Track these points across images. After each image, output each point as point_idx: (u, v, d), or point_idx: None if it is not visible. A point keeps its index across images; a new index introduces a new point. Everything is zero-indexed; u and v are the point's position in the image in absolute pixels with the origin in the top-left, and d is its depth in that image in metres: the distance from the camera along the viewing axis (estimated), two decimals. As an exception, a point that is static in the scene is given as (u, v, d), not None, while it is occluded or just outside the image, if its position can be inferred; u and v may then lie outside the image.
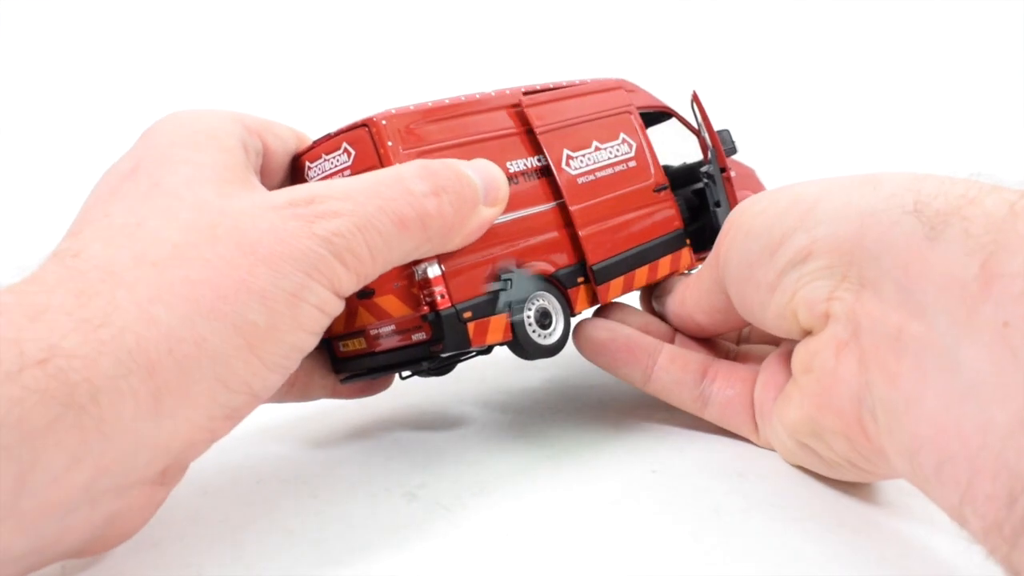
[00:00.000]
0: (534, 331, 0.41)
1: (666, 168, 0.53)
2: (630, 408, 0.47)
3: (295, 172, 0.43)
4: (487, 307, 0.40)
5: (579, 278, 0.43)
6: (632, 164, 0.47)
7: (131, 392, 0.28)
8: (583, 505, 0.36)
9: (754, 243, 0.36)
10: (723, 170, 0.52)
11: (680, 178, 0.54)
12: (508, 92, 0.44)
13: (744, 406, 0.41)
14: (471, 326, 0.39)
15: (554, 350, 0.42)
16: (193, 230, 0.31)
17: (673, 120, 0.54)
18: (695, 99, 0.52)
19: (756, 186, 0.59)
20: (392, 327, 0.41)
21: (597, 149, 0.46)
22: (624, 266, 0.45)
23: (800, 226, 0.34)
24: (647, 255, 0.47)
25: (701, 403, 0.42)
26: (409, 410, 0.49)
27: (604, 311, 0.46)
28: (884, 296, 0.30)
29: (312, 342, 0.33)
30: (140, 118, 0.38)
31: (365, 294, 0.39)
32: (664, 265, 0.48)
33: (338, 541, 0.34)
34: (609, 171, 0.46)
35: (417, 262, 0.38)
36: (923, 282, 0.29)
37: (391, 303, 0.40)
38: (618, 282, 0.45)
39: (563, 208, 0.43)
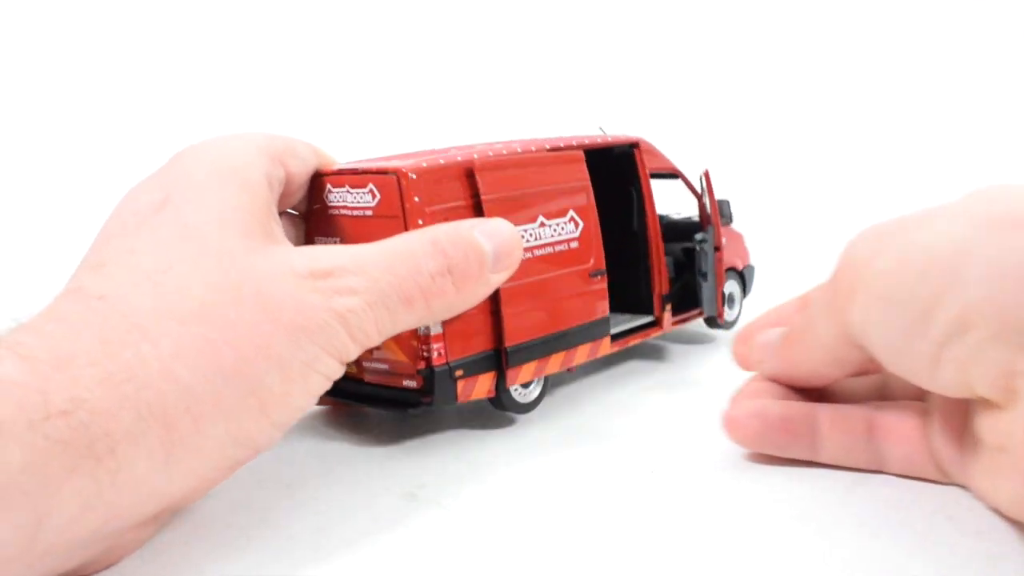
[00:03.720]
0: (516, 391, 0.45)
1: (663, 218, 0.54)
2: (630, 409, 0.48)
3: (315, 189, 0.44)
4: (477, 366, 0.42)
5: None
6: (574, 245, 0.46)
7: (147, 446, 0.29)
8: (583, 504, 0.36)
9: (897, 312, 0.31)
10: (717, 248, 0.55)
11: (674, 231, 0.56)
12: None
13: (924, 460, 0.36)
14: (460, 383, 0.42)
15: (532, 407, 0.46)
16: (218, 289, 0.33)
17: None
18: (706, 176, 0.55)
19: (742, 252, 0.61)
20: (386, 367, 0.42)
21: (542, 225, 0.45)
22: (540, 351, 0.45)
23: (948, 290, 0.29)
24: (567, 340, 0.46)
25: (879, 463, 0.37)
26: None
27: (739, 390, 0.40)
28: None
29: (313, 403, 0.36)
30: (142, 130, 0.39)
31: None
32: (582, 352, 0.47)
33: (338, 541, 0.34)
34: (548, 250, 0.45)
35: None
36: None
37: (390, 346, 0.42)
38: (530, 367, 0.44)
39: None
